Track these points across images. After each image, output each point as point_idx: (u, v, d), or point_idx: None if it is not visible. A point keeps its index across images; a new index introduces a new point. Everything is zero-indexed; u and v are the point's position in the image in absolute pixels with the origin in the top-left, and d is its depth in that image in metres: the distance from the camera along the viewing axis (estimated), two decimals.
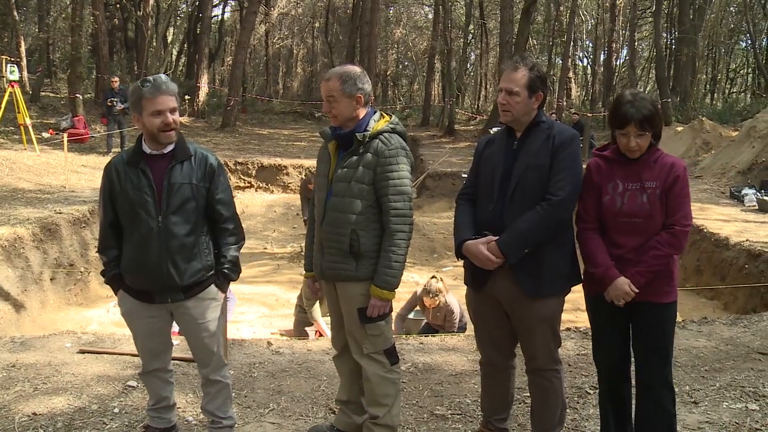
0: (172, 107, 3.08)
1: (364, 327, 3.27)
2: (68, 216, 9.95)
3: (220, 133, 23.48)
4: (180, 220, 3.12)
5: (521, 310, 3.15)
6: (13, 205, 10.35)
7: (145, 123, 3.07)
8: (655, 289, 3.03)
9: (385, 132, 3.23)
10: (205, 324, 3.28)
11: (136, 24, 31.11)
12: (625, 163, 3.09)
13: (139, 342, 3.33)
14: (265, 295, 9.37)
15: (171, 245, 3.11)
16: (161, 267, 3.11)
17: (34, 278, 8.44)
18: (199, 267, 3.20)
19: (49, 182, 12.88)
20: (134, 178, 3.11)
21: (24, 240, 8.60)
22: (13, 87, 14.73)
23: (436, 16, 31.37)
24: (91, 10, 22.69)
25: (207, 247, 3.26)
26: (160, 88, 3.04)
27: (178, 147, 3.18)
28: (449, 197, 15.31)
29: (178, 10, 33.23)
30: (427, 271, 11.04)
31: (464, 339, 5.48)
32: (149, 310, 3.22)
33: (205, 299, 3.27)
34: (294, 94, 41.14)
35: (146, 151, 3.15)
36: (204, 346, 3.32)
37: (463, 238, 3.18)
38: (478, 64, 44.32)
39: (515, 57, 3.27)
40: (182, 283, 3.16)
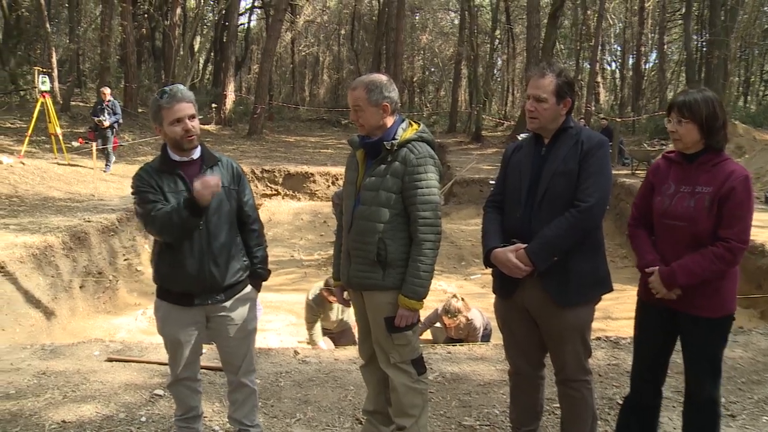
0: (191, 114, 3.14)
1: (391, 336, 3.26)
2: (97, 224, 10.09)
3: (246, 140, 23.68)
4: (219, 221, 3.22)
5: (550, 318, 3.11)
6: (44, 214, 10.53)
7: (167, 132, 3.13)
8: (703, 302, 2.98)
9: (413, 140, 3.22)
10: (242, 324, 3.36)
11: (164, 33, 31.62)
12: (685, 165, 3.06)
13: (171, 349, 3.34)
14: (292, 303, 9.38)
15: (213, 246, 3.19)
16: (203, 268, 3.18)
17: (64, 286, 8.57)
18: (237, 267, 3.31)
19: (79, 191, 13.10)
20: (172, 184, 3.16)
21: (54, 248, 8.74)
22: (44, 97, 14.97)
23: (462, 22, 31.35)
24: (119, 20, 23.06)
25: (242, 248, 3.37)
26: (176, 97, 3.11)
27: (204, 152, 3.28)
28: (477, 204, 15.25)
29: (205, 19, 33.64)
30: (455, 279, 11.01)
31: (492, 348, 5.43)
32: (187, 315, 3.25)
33: (243, 299, 3.36)
34: (320, 102, 41.36)
35: (175, 159, 3.21)
36: (237, 347, 3.38)
37: (492, 246, 3.15)
38: (504, 70, 44.24)
39: (542, 63, 3.24)
40: (223, 283, 3.25)
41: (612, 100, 39.91)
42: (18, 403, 4.24)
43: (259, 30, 44.66)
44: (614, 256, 11.82)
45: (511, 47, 40.59)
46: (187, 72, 25.29)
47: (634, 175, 15.39)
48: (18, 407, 4.17)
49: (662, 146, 16.95)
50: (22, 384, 4.55)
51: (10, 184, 12.27)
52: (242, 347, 3.39)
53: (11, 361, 5.01)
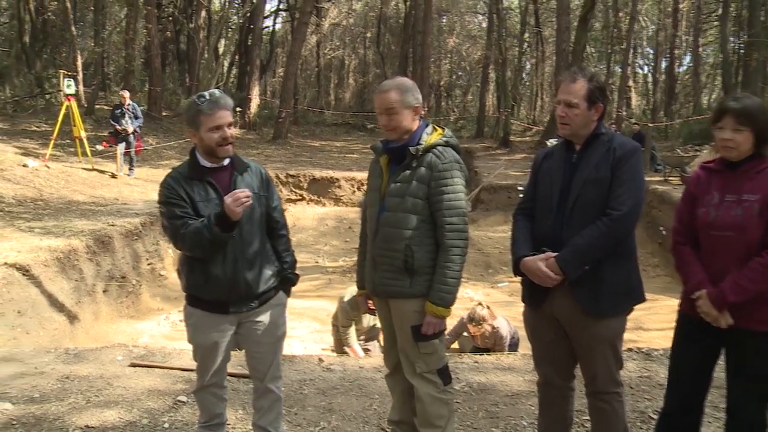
0: (229, 122, 3.15)
1: (417, 345, 3.25)
2: (121, 228, 10.23)
3: (271, 145, 23.83)
4: (252, 228, 3.23)
5: (581, 329, 3.09)
6: (68, 217, 10.70)
7: (203, 138, 3.13)
8: (756, 315, 2.89)
9: (438, 145, 3.23)
10: (273, 330, 3.38)
11: (188, 36, 31.95)
12: (727, 173, 2.99)
13: (201, 356, 3.34)
14: (316, 309, 9.43)
15: (246, 254, 3.20)
16: (238, 276, 3.18)
17: (87, 290, 8.70)
18: (270, 273, 3.32)
19: (103, 194, 13.28)
20: (202, 192, 3.16)
21: (78, 252, 8.87)
22: (69, 100, 15.19)
23: (490, 25, 31.27)
24: (144, 23, 23.35)
25: (273, 254, 3.38)
26: (218, 104, 3.11)
27: (235, 159, 3.28)
28: (505, 211, 15.20)
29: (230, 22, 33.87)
30: (481, 287, 10.98)
31: (520, 358, 5.41)
32: (220, 323, 3.26)
33: (275, 305, 3.39)
34: (346, 106, 41.45)
35: (205, 165, 3.21)
36: (266, 353, 3.39)
37: (521, 254, 3.14)
38: (533, 74, 44.01)
39: (573, 68, 3.23)
40: (257, 290, 3.26)
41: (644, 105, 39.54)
42: (42, 407, 4.31)
43: (284, 33, 44.91)
44: (646, 264, 11.70)
45: (540, 51, 40.36)
46: (212, 75, 25.51)
47: (667, 182, 15.23)
48: (42, 411, 4.24)
49: (696, 152, 16.75)
50: (46, 388, 4.62)
51: (35, 188, 12.48)
52: (270, 353, 3.41)
53: (36, 364, 5.10)
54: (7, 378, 4.78)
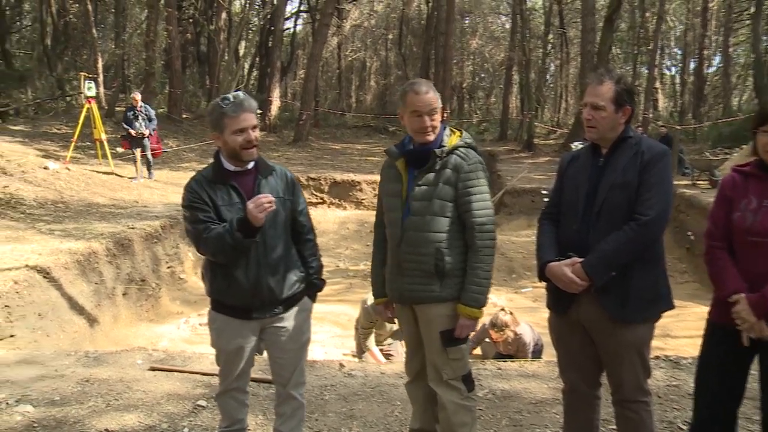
0: (254, 124, 3.14)
1: (446, 351, 3.26)
2: (141, 231, 10.32)
3: (292, 147, 23.93)
4: (275, 233, 3.22)
5: (607, 336, 3.06)
6: (88, 220, 10.82)
7: (227, 141, 3.12)
8: None
9: (460, 147, 3.26)
10: (297, 336, 3.37)
11: (209, 38, 32.23)
12: (764, 177, 2.94)
13: (225, 361, 3.34)
14: (337, 314, 9.44)
15: (270, 259, 3.19)
16: (261, 282, 3.17)
17: (107, 293, 8.78)
18: (294, 279, 3.31)
19: (123, 197, 13.42)
20: (225, 196, 3.16)
21: (98, 254, 8.96)
22: (90, 103, 15.36)
23: (514, 26, 31.23)
24: (165, 25, 23.55)
25: (297, 259, 3.37)
26: (242, 106, 3.11)
27: (260, 162, 3.27)
28: (528, 215, 15.14)
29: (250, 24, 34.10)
30: (505, 292, 10.92)
31: (545, 365, 5.37)
32: (244, 328, 3.26)
33: (299, 311, 3.37)
34: (367, 108, 41.52)
35: (229, 169, 3.21)
36: (290, 359, 3.38)
37: (546, 259, 3.13)
38: (557, 75, 43.82)
39: (600, 70, 3.21)
40: (281, 296, 3.25)
41: (671, 107, 39.18)
42: (62, 409, 4.37)
43: (305, 35, 45.14)
44: (673, 270, 11.57)
45: (565, 52, 40.16)
46: (232, 77, 25.68)
47: (695, 186, 15.08)
48: (62, 414, 4.30)
49: (726, 155, 16.56)
50: (67, 391, 4.68)
51: (56, 190, 12.64)
52: (294, 359, 3.40)
53: (56, 367, 5.16)
54: (28, 380, 4.85)
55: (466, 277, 3.20)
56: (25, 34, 37.08)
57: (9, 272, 7.47)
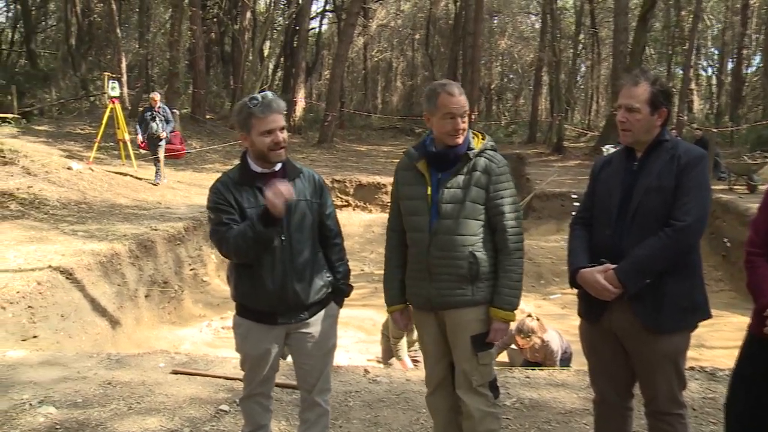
0: (282, 125, 3.14)
1: (477, 356, 3.25)
2: (163, 233, 10.41)
3: (317, 149, 24.01)
4: (302, 237, 3.22)
5: (641, 345, 3.03)
6: (111, 221, 10.94)
7: (255, 142, 3.12)
8: None
9: (488, 150, 3.27)
10: (323, 342, 3.37)
11: (233, 38, 32.46)
12: None
13: (249, 366, 3.35)
14: (361, 319, 9.44)
15: (295, 263, 3.20)
16: (286, 286, 3.18)
17: (129, 295, 8.87)
18: (321, 284, 3.31)
19: (146, 198, 13.55)
20: (251, 198, 3.16)
21: (121, 256, 9.06)
22: (113, 103, 15.53)
23: (544, 26, 31.10)
24: (188, 25, 23.75)
25: (324, 264, 3.37)
26: (271, 107, 3.11)
27: (287, 164, 3.27)
28: (557, 219, 15.05)
29: (275, 23, 34.30)
30: (533, 299, 10.87)
31: (574, 374, 5.33)
32: (269, 333, 3.27)
33: (326, 317, 3.37)
34: (393, 109, 41.59)
35: (256, 170, 3.21)
36: (316, 365, 3.38)
37: (578, 265, 3.10)
38: (588, 76, 43.57)
39: (635, 71, 3.18)
40: (307, 301, 3.25)
41: (707, 109, 38.72)
42: (85, 412, 4.41)
43: (330, 35, 45.28)
44: (708, 278, 11.41)
45: (596, 52, 39.88)
46: (257, 78, 25.84)
47: (732, 191, 14.88)
48: (85, 416, 4.34)
49: (766, 159, 16.32)
50: (89, 393, 4.73)
51: (79, 191, 12.79)
52: (320, 365, 3.40)
53: (78, 369, 5.22)
54: (50, 382, 4.91)
55: (498, 280, 3.21)
56: (50, 34, 37.76)
57: (32, 273, 7.59)
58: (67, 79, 26.38)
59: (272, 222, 3.02)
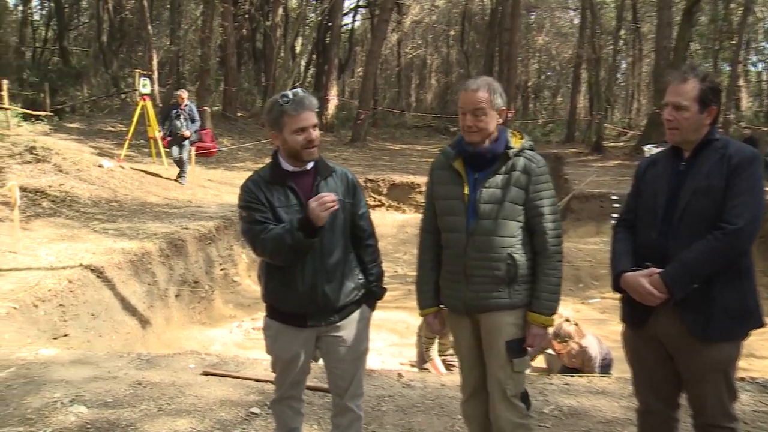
0: (314, 123, 3.13)
1: (511, 363, 3.21)
2: (194, 232, 10.50)
3: (349, 147, 24.06)
4: (333, 237, 3.20)
5: (688, 354, 2.97)
6: (142, 219, 11.08)
7: (287, 140, 3.12)
8: None
9: (527, 149, 3.24)
10: (355, 346, 3.35)
11: (265, 34, 32.65)
12: None
13: (280, 368, 3.36)
14: (394, 321, 9.42)
15: (326, 264, 3.18)
16: (316, 288, 3.16)
17: (159, 294, 8.97)
18: (352, 286, 3.29)
19: (176, 196, 13.68)
20: (282, 197, 3.16)
21: (151, 255, 9.16)
22: (144, 100, 15.71)
23: (583, 21, 30.80)
24: (220, 21, 23.95)
25: (356, 265, 3.35)
26: (303, 104, 3.10)
27: (319, 162, 3.25)
28: (596, 221, 14.89)
29: (307, 20, 34.44)
30: (571, 303, 10.74)
31: (615, 381, 5.25)
32: (298, 336, 3.26)
33: (357, 320, 3.35)
34: (427, 107, 41.54)
35: (288, 169, 3.21)
36: (347, 369, 3.36)
37: (622, 269, 3.05)
38: (629, 74, 43.03)
39: (684, 66, 3.12)
40: (338, 304, 3.23)
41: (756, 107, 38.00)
42: (115, 412, 4.46)
43: (363, 31, 45.39)
44: (760, 284, 11.17)
45: (638, 48, 39.37)
46: (288, 75, 25.97)
47: None
48: (115, 416, 4.39)
49: None
50: (119, 393, 4.78)
51: (110, 188, 12.97)
52: (352, 369, 3.38)
53: (109, 368, 5.28)
54: (81, 381, 4.97)
55: (537, 284, 3.19)
56: (82, 31, 38.41)
57: (64, 271, 7.71)
58: (99, 77, 26.82)
59: (312, 232, 3.02)
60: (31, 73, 26.87)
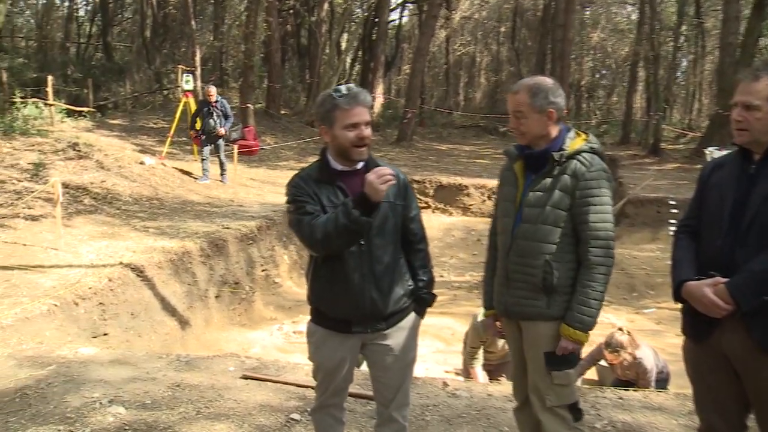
0: (367, 120, 3.08)
1: (550, 374, 3.19)
2: (235, 232, 10.60)
3: (395, 147, 24.04)
4: (382, 241, 3.14)
5: (756, 371, 2.86)
6: (183, 218, 11.22)
7: (337, 136, 3.06)
8: None
9: (584, 152, 3.18)
10: (402, 355, 3.30)
11: (309, 30, 32.89)
12: None
13: (322, 375, 3.33)
14: (439, 328, 9.37)
15: (375, 269, 3.12)
16: (364, 294, 3.12)
17: (199, 294, 9.07)
18: (401, 293, 3.24)
19: (218, 195, 13.83)
20: (332, 197, 3.10)
21: (192, 254, 9.28)
22: (187, 97, 15.92)
23: (641, 17, 30.28)
24: (264, 16, 24.14)
25: (406, 271, 3.29)
26: (357, 99, 3.05)
27: (370, 162, 3.19)
28: (653, 227, 14.63)
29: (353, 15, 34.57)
30: (624, 312, 10.58)
31: (673, 398, 5.13)
32: (343, 343, 3.23)
33: (405, 328, 3.30)
34: (476, 107, 41.31)
35: (336, 168, 3.16)
36: (394, 379, 3.33)
37: (684, 278, 2.97)
38: (690, 72, 42.15)
39: (757, 63, 3.05)
40: (386, 311, 3.19)
41: None
42: (153, 414, 4.52)
43: (411, 27, 45.35)
44: None
45: (700, 45, 38.54)
46: (333, 72, 26.06)
47: None
48: (153, 419, 4.44)
49: None
50: (158, 395, 4.84)
51: (151, 186, 13.17)
52: (398, 379, 3.34)
53: (148, 369, 5.36)
54: (120, 381, 5.05)
55: (574, 295, 3.14)
56: (125, 27, 39.17)
57: (104, 269, 7.86)
58: (142, 72, 27.25)
59: (370, 209, 2.93)
60: (75, 69, 27.48)
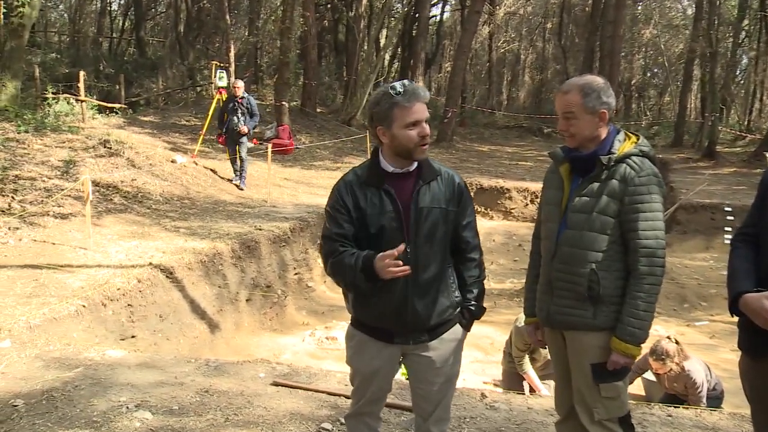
0: (427, 117, 3.06)
1: (597, 387, 3.16)
2: (268, 233, 10.66)
3: (435, 148, 23.99)
4: (430, 250, 3.09)
5: None
6: (214, 218, 11.32)
7: (398, 136, 3.01)
8: None
9: (633, 155, 3.14)
10: (445, 369, 3.25)
11: (347, 26, 32.97)
12: None
13: (359, 381, 3.31)
14: (478, 337, 9.32)
15: (419, 279, 3.07)
16: (407, 305, 3.07)
17: (230, 297, 9.14)
18: (447, 304, 3.18)
19: (251, 195, 13.93)
20: (377, 201, 3.06)
21: (223, 256, 9.35)
22: (220, 93, 16.03)
23: (698, 12, 29.80)
24: (301, 11, 24.25)
25: (454, 281, 3.23)
26: (417, 94, 3.01)
27: (423, 164, 3.13)
28: (706, 235, 14.41)
29: (393, 10, 34.58)
30: (674, 324, 10.43)
31: (728, 417, 5.01)
32: (383, 350, 3.20)
33: (449, 340, 3.24)
34: (520, 106, 41.14)
35: (387, 169, 3.11)
36: (434, 393, 3.27)
37: (742, 289, 2.89)
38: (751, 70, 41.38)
39: None
40: (429, 323, 3.14)
41: None
42: (180, 420, 4.55)
43: (452, 23, 45.33)
44: None
45: (763, 41, 37.84)
46: (371, 69, 26.10)
47: None
48: (180, 425, 4.47)
49: None
50: (185, 400, 4.87)
51: (182, 185, 13.31)
52: (439, 393, 3.28)
53: (176, 374, 5.40)
54: (147, 386, 5.09)
55: (623, 307, 3.10)
56: (159, 21, 39.67)
57: (133, 270, 7.94)
58: (174, 68, 27.54)
59: (374, 279, 2.95)
60: (107, 64, 27.90)
